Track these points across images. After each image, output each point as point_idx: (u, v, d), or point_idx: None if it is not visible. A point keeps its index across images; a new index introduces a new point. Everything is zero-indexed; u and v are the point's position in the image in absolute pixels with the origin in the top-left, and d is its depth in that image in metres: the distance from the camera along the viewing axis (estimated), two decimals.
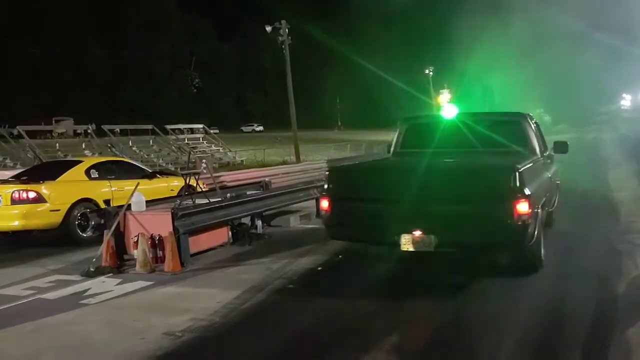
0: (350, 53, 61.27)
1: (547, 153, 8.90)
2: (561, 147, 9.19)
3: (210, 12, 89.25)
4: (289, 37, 32.07)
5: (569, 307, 5.82)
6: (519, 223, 5.83)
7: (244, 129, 77.79)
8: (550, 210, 8.75)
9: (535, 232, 6.32)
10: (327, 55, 79.51)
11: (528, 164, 6.67)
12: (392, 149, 9.09)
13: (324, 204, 6.99)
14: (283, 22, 31.97)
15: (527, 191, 5.92)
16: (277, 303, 6.60)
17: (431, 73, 43.45)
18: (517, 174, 5.89)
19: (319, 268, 8.04)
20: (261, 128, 79.55)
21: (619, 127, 60.00)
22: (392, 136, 9.39)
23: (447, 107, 27.06)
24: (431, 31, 72.72)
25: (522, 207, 5.79)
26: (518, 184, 5.85)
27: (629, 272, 6.86)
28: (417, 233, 6.21)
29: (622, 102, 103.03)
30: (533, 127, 8.37)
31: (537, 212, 6.37)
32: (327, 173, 7.60)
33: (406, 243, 6.27)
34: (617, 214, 11.24)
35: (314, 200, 12.74)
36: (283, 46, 32.03)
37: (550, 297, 6.21)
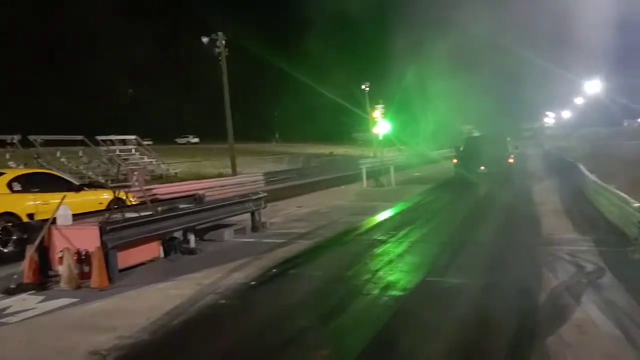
0: (289, 66, 61.58)
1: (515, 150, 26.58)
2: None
3: (147, 20, 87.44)
4: (226, 49, 31.89)
5: (492, 317, 6.06)
6: (510, 162, 24.48)
7: (179, 140, 76.24)
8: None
9: (512, 169, 24.90)
10: (265, 68, 79.45)
11: (511, 151, 25.70)
12: (462, 147, 25.78)
13: (455, 160, 25.78)
14: (220, 33, 31.76)
15: (512, 156, 25.14)
16: (209, 319, 6.52)
17: (367, 88, 44.11)
18: (510, 153, 25.04)
19: (253, 283, 7.99)
20: (197, 140, 78.12)
21: (542, 144, 63.15)
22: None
23: (380, 123, 27.55)
24: (370, 46, 74.26)
25: (511, 160, 24.75)
26: (511, 154, 25.00)
27: (549, 284, 7.21)
28: (482, 167, 23.18)
29: (546, 120, 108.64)
30: (508, 140, 26.74)
31: (514, 163, 25.26)
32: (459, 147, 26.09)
33: (481, 170, 22.96)
34: (539, 227, 11.80)
35: (250, 214, 12.74)
36: (220, 57, 31.82)
37: (474, 308, 6.44)
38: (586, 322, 5.68)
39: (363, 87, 44.37)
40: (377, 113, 27.60)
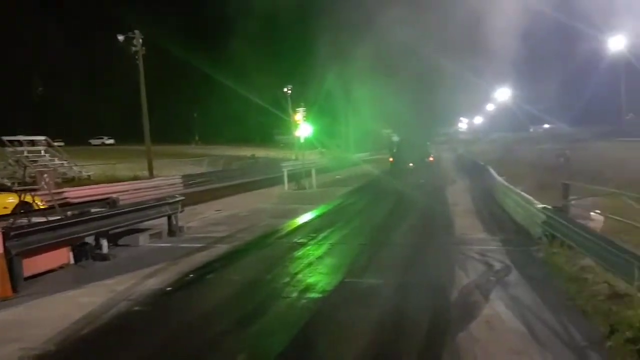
0: (211, 67, 60.49)
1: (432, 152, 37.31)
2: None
3: (59, 16, 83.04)
4: (144, 48, 30.91)
5: (407, 316, 6.23)
6: (430, 160, 34.52)
7: (93, 142, 73.03)
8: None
9: (432, 165, 34.70)
10: (187, 68, 77.49)
11: (431, 152, 36.71)
12: (395, 149, 34.76)
13: (391, 159, 34.56)
14: (137, 31, 30.73)
15: (432, 155, 35.52)
16: (121, 327, 6.27)
17: (289, 91, 44.21)
18: (430, 153, 35.83)
19: (168, 288, 7.77)
20: (112, 141, 75.12)
21: (456, 148, 65.90)
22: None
23: (302, 126, 27.79)
24: (294, 49, 74.29)
25: (431, 158, 34.90)
26: (430, 151, 36.00)
27: (461, 282, 7.52)
28: (411, 164, 31.98)
29: (460, 125, 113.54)
30: (428, 144, 38.89)
31: (433, 161, 35.65)
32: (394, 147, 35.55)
33: (410, 166, 31.65)
34: (453, 227, 12.29)
35: (167, 218, 12.40)
36: (137, 56, 30.78)
37: (390, 307, 6.60)
38: (494, 318, 5.97)
39: (285, 89, 44.47)
40: (299, 116, 27.83)
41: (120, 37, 30.63)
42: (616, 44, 41.36)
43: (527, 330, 5.62)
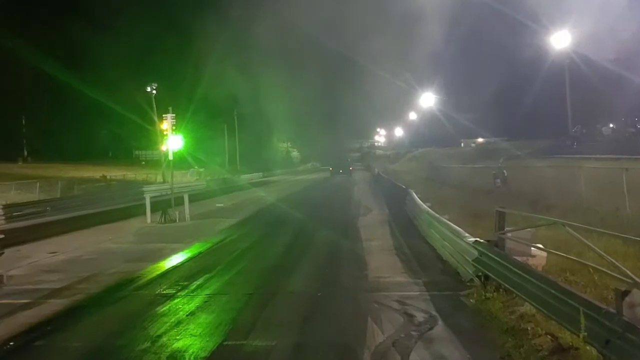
0: (44, 62, 57.94)
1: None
2: None
3: None
4: None
5: None
6: (351, 169, 79.88)
7: None
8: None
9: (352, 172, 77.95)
10: (13, 65, 73.74)
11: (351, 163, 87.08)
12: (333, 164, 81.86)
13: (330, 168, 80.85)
14: None
15: (351, 166, 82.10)
16: None
17: (154, 92, 43.27)
18: (350, 165, 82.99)
19: None
20: None
21: (372, 167, 67.92)
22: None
23: (171, 138, 26.59)
24: (158, 43, 73.17)
25: (351, 168, 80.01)
26: (350, 164, 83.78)
27: (374, 339, 7.64)
28: (341, 171, 76.79)
29: (377, 137, 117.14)
30: (349, 159, 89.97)
31: (353, 170, 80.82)
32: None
33: (340, 172, 76.04)
34: (365, 269, 12.55)
35: None
36: None
37: None
38: None
39: (149, 89, 43.46)
40: (166, 124, 26.73)
41: None
42: (560, 41, 43.73)
43: None
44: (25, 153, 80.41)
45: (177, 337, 8.05)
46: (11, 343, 8.11)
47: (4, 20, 64.12)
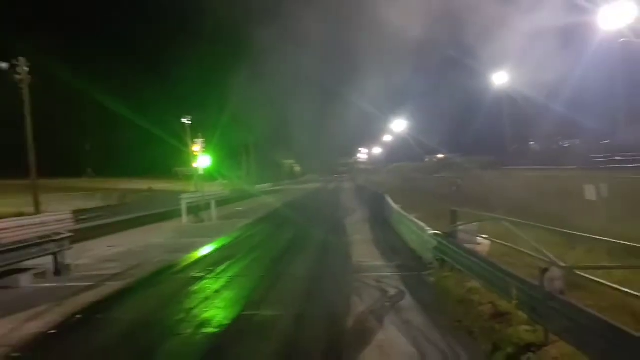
0: (105, 98, 58.03)
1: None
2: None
3: None
4: (30, 76, 29.25)
5: (303, 347, 6.30)
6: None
7: None
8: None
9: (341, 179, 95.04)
10: (79, 98, 73.74)
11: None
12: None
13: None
14: (21, 59, 29.09)
15: (341, 177, 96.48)
16: None
17: (189, 122, 43.46)
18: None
19: (52, 331, 7.30)
20: None
21: (356, 178, 67.86)
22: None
23: (200, 157, 27.30)
24: (192, 79, 73.41)
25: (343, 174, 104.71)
26: (340, 176, 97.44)
27: (357, 309, 7.70)
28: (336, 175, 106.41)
29: (359, 155, 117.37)
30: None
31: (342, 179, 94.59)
32: None
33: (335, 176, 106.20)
34: (350, 256, 12.58)
35: (52, 256, 11.67)
36: (21, 85, 29.04)
37: (287, 338, 6.62)
38: (387, 343, 6.17)
39: (184, 120, 43.63)
40: (197, 147, 27.36)
41: (3, 65, 28.82)
42: (499, 79, 44.74)
43: (417, 352, 5.85)
44: (89, 169, 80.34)
45: (206, 309, 8.09)
46: (77, 316, 8.12)
47: (79, 71, 64.46)
